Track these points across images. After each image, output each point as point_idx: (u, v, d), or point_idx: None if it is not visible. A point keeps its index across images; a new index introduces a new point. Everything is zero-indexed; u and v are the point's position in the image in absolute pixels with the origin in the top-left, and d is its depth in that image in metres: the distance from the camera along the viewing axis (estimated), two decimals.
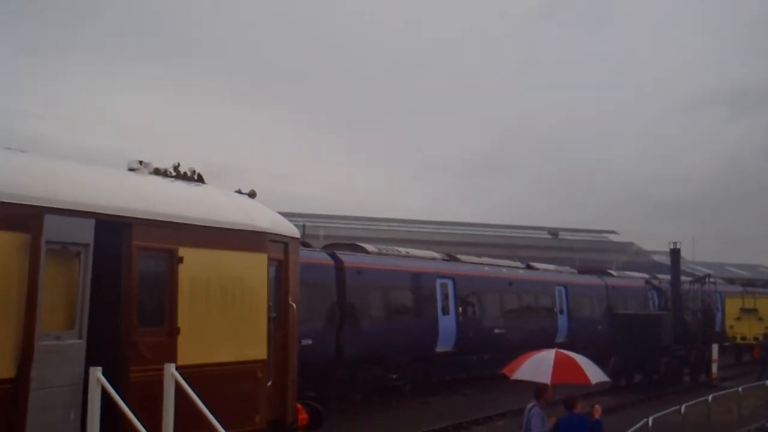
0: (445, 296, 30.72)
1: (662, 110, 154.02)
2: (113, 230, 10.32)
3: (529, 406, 13.60)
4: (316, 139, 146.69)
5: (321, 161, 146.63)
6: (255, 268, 12.20)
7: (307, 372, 24.91)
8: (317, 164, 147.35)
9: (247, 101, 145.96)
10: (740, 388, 22.76)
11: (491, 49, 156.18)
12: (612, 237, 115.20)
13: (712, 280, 41.09)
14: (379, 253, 29.00)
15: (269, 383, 12.27)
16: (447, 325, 30.50)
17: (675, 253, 35.11)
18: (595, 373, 13.18)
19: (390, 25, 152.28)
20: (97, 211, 9.96)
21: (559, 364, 12.98)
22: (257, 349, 12.13)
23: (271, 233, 12.65)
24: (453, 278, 31.24)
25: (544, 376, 12.94)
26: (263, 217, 12.83)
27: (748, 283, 61.34)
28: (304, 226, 64.53)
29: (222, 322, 11.53)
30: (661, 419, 18.27)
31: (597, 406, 13.52)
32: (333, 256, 26.17)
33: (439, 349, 30.04)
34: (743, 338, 43.68)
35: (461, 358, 31.20)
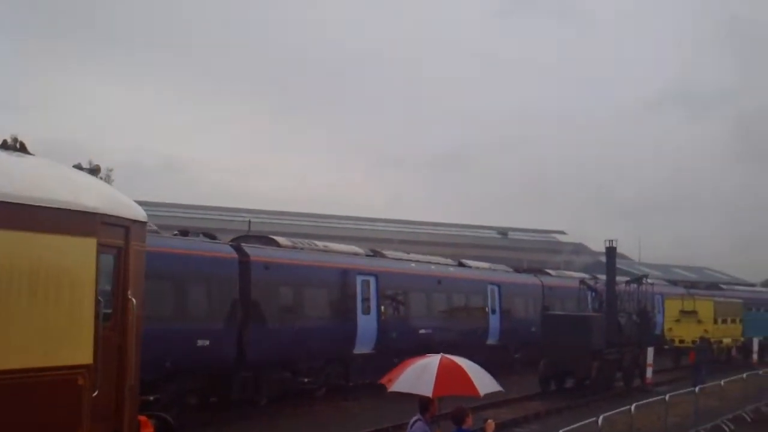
0: (367, 294, 28.87)
1: (619, 111, 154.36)
2: None
3: (412, 420, 11.77)
4: (275, 135, 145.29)
5: (280, 157, 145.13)
6: (79, 254, 10.15)
7: (205, 375, 23.09)
8: (277, 160, 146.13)
9: (207, 96, 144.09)
10: (667, 396, 21.16)
11: (452, 47, 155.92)
12: (561, 237, 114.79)
13: (650, 280, 39.64)
14: (293, 247, 26.95)
15: (95, 393, 10.26)
16: (367, 325, 28.64)
17: (611, 252, 33.35)
18: (485, 384, 11.35)
19: (348, 20, 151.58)
20: None
21: (444, 373, 11.12)
22: (78, 352, 10.09)
23: (104, 214, 10.59)
24: (376, 275, 29.38)
25: (426, 388, 11.09)
26: (95, 195, 10.75)
27: (691, 285, 60.27)
28: (249, 222, 62.54)
29: (28, 319, 9.48)
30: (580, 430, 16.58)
31: (490, 421, 11.67)
32: (237, 249, 24.12)
33: (358, 350, 28.15)
34: (682, 341, 42.31)
35: (383, 361, 29.19)
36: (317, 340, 26.10)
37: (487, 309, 36.45)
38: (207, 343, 21.95)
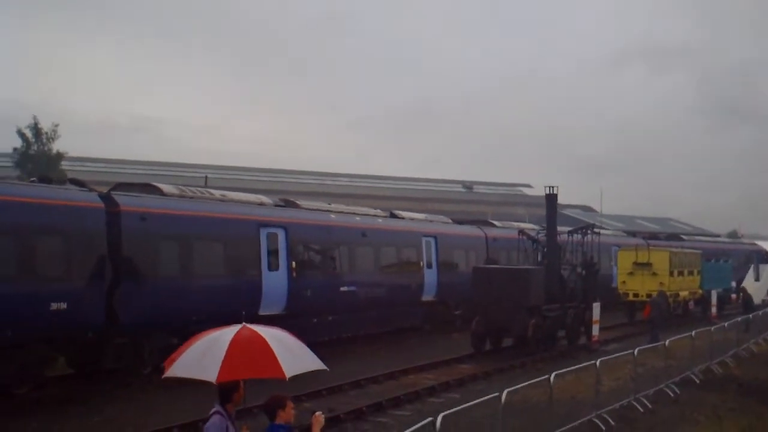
0: (274, 249, 25.66)
1: (585, 66, 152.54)
2: None
3: (211, 411, 8.67)
4: (241, 93, 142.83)
5: (244, 115, 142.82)
6: None
7: (65, 343, 19.93)
8: (241, 118, 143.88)
9: (173, 52, 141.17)
10: (598, 361, 18.13)
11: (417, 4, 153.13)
12: (526, 191, 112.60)
13: (605, 230, 36.59)
14: (181, 196, 23.46)
15: None
16: (275, 283, 25.49)
17: (551, 199, 30.00)
18: (297, 361, 8.15)
19: None
20: None
21: (237, 350, 7.92)
22: None
23: None
24: (285, 227, 26.14)
25: (209, 371, 7.93)
26: None
27: (651, 236, 57.46)
28: (206, 177, 59.19)
29: None
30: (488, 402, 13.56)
31: (317, 414, 8.51)
32: (106, 198, 20.64)
33: (264, 311, 24.86)
34: (636, 295, 39.52)
35: (296, 322, 26.05)
36: (211, 300, 22.81)
37: (421, 263, 33.39)
38: (64, 306, 18.65)
